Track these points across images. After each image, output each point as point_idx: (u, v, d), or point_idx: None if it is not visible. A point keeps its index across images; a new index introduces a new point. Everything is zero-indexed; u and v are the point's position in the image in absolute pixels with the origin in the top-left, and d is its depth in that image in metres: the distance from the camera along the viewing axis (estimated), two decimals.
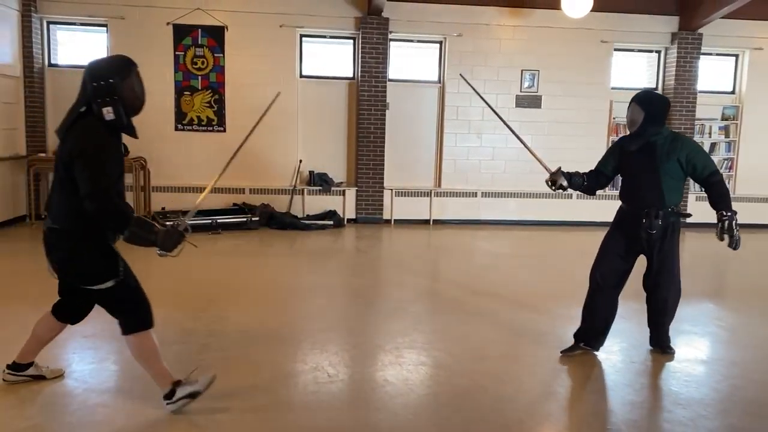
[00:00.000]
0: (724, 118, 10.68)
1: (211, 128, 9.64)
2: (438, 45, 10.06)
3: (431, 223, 9.97)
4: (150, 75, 9.29)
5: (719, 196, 3.96)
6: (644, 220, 4.01)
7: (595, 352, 4.26)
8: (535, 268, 7.29)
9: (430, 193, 9.99)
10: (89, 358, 3.97)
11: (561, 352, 4.26)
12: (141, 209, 8.98)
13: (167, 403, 3.14)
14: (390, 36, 9.66)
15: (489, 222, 10.13)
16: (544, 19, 9.88)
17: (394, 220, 9.89)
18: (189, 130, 9.61)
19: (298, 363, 3.96)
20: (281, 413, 3.28)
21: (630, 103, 4.08)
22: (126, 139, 10.41)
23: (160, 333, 4.35)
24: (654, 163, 3.99)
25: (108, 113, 2.88)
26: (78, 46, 9.66)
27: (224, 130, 9.63)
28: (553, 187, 4.26)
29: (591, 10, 8.88)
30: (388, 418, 3.25)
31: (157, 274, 6.43)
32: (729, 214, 3.86)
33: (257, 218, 9.10)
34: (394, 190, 9.85)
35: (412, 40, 10.02)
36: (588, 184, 4.31)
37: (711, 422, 3.31)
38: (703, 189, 4.08)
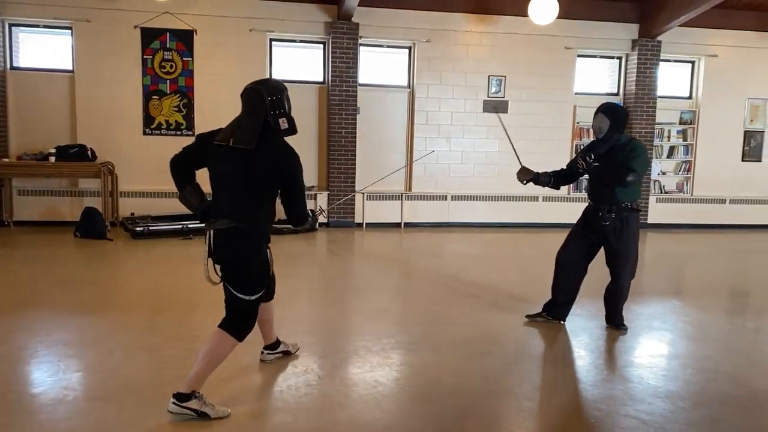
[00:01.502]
0: (681, 123, 11.09)
1: (180, 132, 9.57)
2: (407, 50, 10.18)
3: (403, 226, 10.08)
4: (117, 79, 9.37)
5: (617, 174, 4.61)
6: (600, 214, 4.72)
7: (563, 322, 5.05)
8: (508, 268, 7.45)
9: (401, 196, 10.09)
10: (74, 365, 3.91)
11: (526, 316, 5.13)
12: (109, 215, 8.84)
13: (174, 403, 3.16)
14: (360, 41, 9.74)
15: (459, 224, 10.29)
16: (511, 25, 10.10)
17: (366, 223, 9.96)
18: (157, 134, 9.51)
19: (288, 366, 3.98)
20: (278, 415, 3.31)
21: (597, 112, 4.68)
22: (94, 143, 10.11)
23: (147, 339, 4.37)
24: (610, 165, 4.63)
25: (283, 123, 3.27)
26: (41, 49, 9.45)
27: (193, 135, 9.52)
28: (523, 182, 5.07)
29: (555, 18, 9.12)
30: (384, 417, 3.31)
31: (138, 281, 6.39)
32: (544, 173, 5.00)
33: None
34: (365, 194, 9.92)
35: (381, 45, 10.11)
36: (554, 182, 5.02)
37: (689, 414, 3.47)
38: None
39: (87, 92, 9.19)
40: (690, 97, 11.17)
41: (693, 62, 11.06)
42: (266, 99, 3.24)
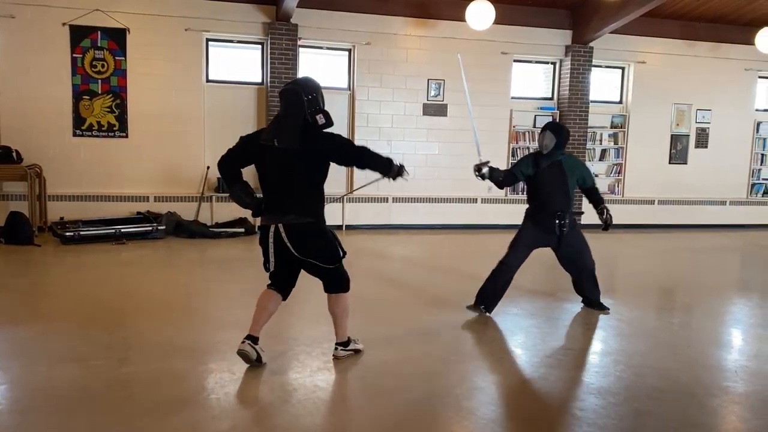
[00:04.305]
0: (613, 126, 11.49)
1: (112, 134, 9.26)
2: (347, 52, 10.18)
3: (344, 228, 10.06)
4: (45, 78, 9.03)
5: (599, 197, 5.46)
6: (558, 221, 5.19)
7: (489, 314, 5.34)
8: (447, 268, 7.53)
9: (343, 199, 10.07)
10: None
11: (466, 307, 5.40)
12: (37, 219, 8.48)
13: (341, 349, 4.09)
14: (299, 42, 9.67)
15: (400, 227, 10.35)
16: (449, 30, 10.23)
17: None
18: (88, 136, 9.17)
19: (225, 373, 3.91)
20: (215, 423, 3.24)
21: (544, 130, 5.25)
22: (20, 145, 9.67)
23: (77, 349, 4.21)
24: (564, 177, 5.25)
25: (320, 119, 3.65)
26: None
27: (126, 136, 9.28)
28: (477, 174, 5.16)
29: (492, 23, 9.30)
30: (324, 422, 3.30)
31: (67, 289, 6.15)
32: (606, 204, 5.45)
33: (163, 227, 8.81)
34: None
35: (321, 47, 10.08)
36: (503, 180, 5.33)
37: (619, 408, 3.60)
38: (586, 193, 5.50)
39: (11, 92, 8.79)
40: (620, 102, 11.59)
41: (623, 68, 11.48)
42: (303, 99, 3.62)
